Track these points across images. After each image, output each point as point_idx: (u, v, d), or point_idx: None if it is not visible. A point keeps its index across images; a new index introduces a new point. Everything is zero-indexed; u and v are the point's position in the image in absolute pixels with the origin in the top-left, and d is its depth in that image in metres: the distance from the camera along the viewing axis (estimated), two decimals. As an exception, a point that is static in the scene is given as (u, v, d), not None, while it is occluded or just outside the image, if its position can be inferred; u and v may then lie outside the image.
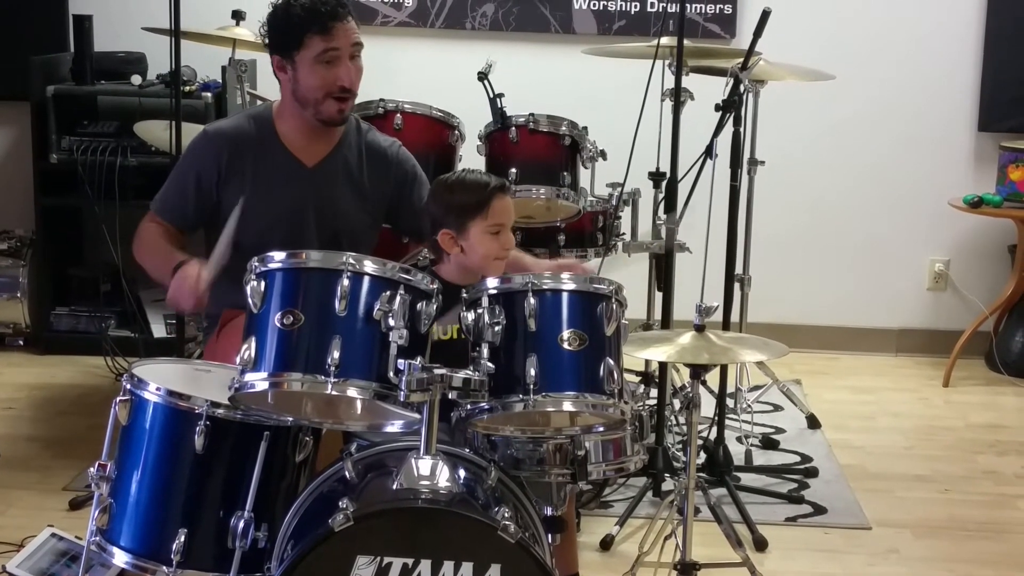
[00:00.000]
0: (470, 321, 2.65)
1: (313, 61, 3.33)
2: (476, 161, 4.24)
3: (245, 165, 3.40)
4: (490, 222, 3.08)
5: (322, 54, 3.32)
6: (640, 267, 4.75)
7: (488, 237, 3.08)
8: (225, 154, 3.40)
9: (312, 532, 2.45)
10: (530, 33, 5.68)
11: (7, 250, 5.58)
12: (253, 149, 3.42)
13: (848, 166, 5.76)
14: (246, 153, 3.41)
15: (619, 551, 3.73)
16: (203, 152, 3.44)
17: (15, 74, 5.42)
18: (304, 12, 3.33)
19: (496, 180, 3.16)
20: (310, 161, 3.45)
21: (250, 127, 3.46)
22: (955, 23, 5.65)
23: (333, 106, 3.37)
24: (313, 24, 3.31)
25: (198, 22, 4.67)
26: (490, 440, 2.78)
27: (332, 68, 3.34)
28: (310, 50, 3.32)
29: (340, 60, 3.35)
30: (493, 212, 3.08)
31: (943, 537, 3.95)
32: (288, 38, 3.36)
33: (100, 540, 2.69)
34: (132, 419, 2.70)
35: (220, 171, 3.40)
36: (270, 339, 2.56)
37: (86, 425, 4.61)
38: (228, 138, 3.43)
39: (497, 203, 3.09)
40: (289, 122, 3.44)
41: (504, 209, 3.11)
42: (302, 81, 3.36)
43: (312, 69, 3.33)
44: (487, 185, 3.12)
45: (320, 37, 3.31)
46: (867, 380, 5.53)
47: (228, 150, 3.41)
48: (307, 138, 3.44)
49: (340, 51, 3.34)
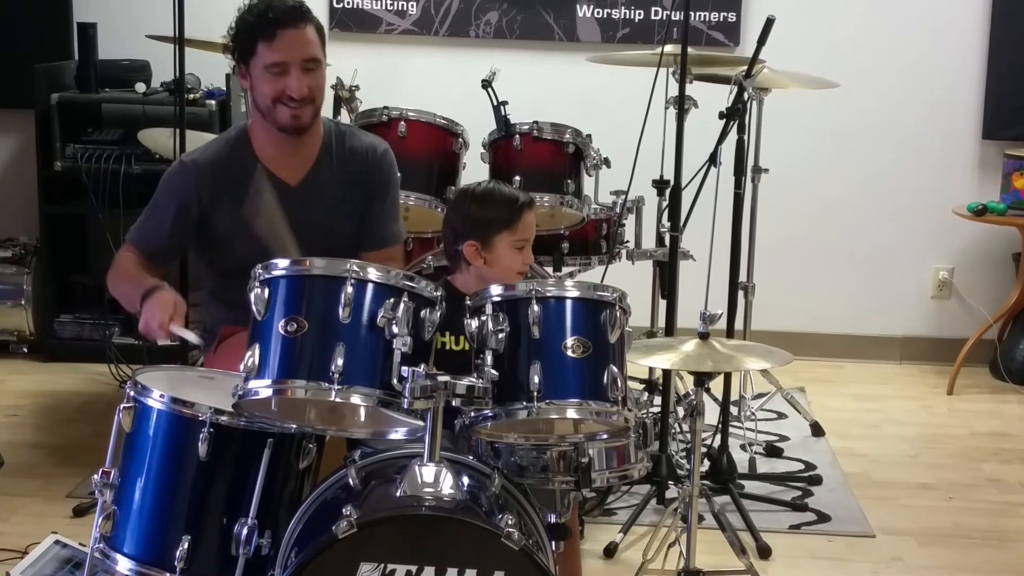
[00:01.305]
0: (474, 328, 2.64)
1: (263, 69, 3.26)
2: (480, 169, 4.25)
3: (228, 193, 3.31)
4: (517, 237, 3.09)
5: (271, 66, 3.25)
6: (644, 275, 4.75)
7: (513, 251, 3.09)
8: (206, 186, 3.33)
9: (316, 539, 2.45)
10: (534, 41, 5.68)
11: (11, 257, 5.59)
12: (234, 175, 3.33)
13: (852, 174, 5.77)
14: (227, 181, 3.33)
15: (623, 558, 3.73)
16: (183, 184, 3.36)
17: (19, 82, 5.43)
18: (254, 19, 3.28)
19: (525, 196, 3.18)
20: (292, 180, 3.37)
21: (228, 153, 3.38)
22: (959, 31, 5.66)
23: (285, 112, 3.28)
24: (262, 32, 3.25)
25: (202, 30, 4.68)
26: (494, 447, 2.78)
27: (281, 77, 3.26)
28: (260, 58, 3.26)
29: (288, 70, 3.25)
30: (522, 227, 3.10)
31: (947, 545, 3.94)
32: (243, 45, 3.31)
33: (104, 547, 2.69)
34: (136, 426, 2.70)
35: (202, 202, 3.33)
36: (274, 346, 2.55)
37: (90, 432, 4.62)
38: (207, 169, 3.35)
39: (527, 218, 3.12)
40: (263, 138, 3.37)
41: (531, 225, 3.14)
42: (256, 89, 3.31)
43: (262, 76, 3.27)
44: (516, 200, 3.13)
45: (267, 46, 3.24)
46: (871, 388, 5.52)
47: (209, 180, 3.33)
48: (284, 154, 3.37)
49: (288, 65, 3.24)
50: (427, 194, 4.07)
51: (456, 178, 4.19)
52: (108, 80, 5.48)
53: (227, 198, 3.32)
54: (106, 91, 5.46)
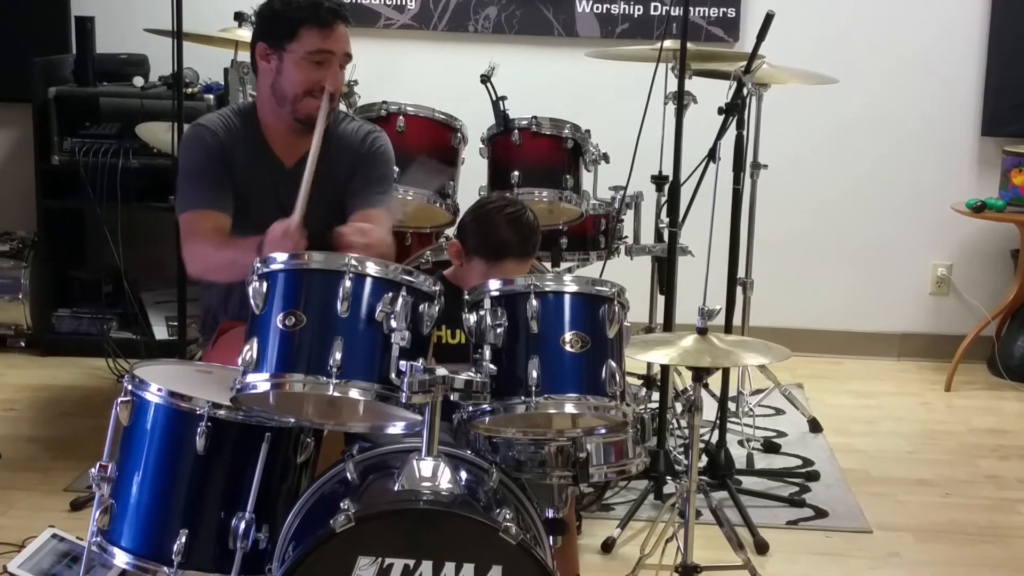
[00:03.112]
0: (472, 323, 2.64)
1: (303, 57, 3.23)
2: (479, 164, 4.25)
3: (235, 161, 3.33)
4: (493, 272, 3.05)
5: (315, 52, 3.23)
6: (642, 270, 4.74)
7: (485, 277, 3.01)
8: (218, 146, 3.32)
9: (313, 533, 2.45)
10: (533, 36, 5.68)
11: (9, 251, 5.59)
12: (241, 145, 3.34)
13: (851, 170, 5.76)
14: (236, 149, 3.34)
15: (620, 553, 3.73)
16: (200, 139, 3.33)
17: (17, 75, 5.42)
18: (306, 3, 3.25)
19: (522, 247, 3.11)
20: (289, 160, 3.36)
21: (238, 123, 3.38)
22: (959, 27, 5.65)
23: (312, 104, 3.24)
24: (313, 17, 3.23)
25: (200, 24, 4.67)
26: (492, 442, 2.78)
27: (320, 69, 3.24)
28: (303, 44, 3.23)
29: (330, 63, 3.25)
30: (502, 269, 3.07)
31: (945, 541, 3.95)
32: (282, 26, 3.26)
33: (101, 541, 2.69)
34: (133, 420, 2.70)
35: (218, 156, 3.31)
36: (272, 340, 2.55)
37: (87, 426, 4.61)
38: (219, 132, 3.35)
39: (509, 265, 3.08)
40: (270, 119, 3.36)
41: (515, 271, 3.07)
42: (285, 74, 3.26)
43: (299, 64, 3.24)
44: (507, 244, 3.10)
45: (319, 32, 3.22)
46: (869, 384, 5.52)
47: (221, 143, 3.33)
48: (287, 136, 3.35)
49: (334, 55, 3.25)
50: (426, 189, 4.07)
51: (455, 174, 4.18)
52: (106, 74, 5.47)
53: (231, 167, 3.32)
54: (104, 85, 5.46)
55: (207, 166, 3.31)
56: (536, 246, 3.20)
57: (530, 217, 3.21)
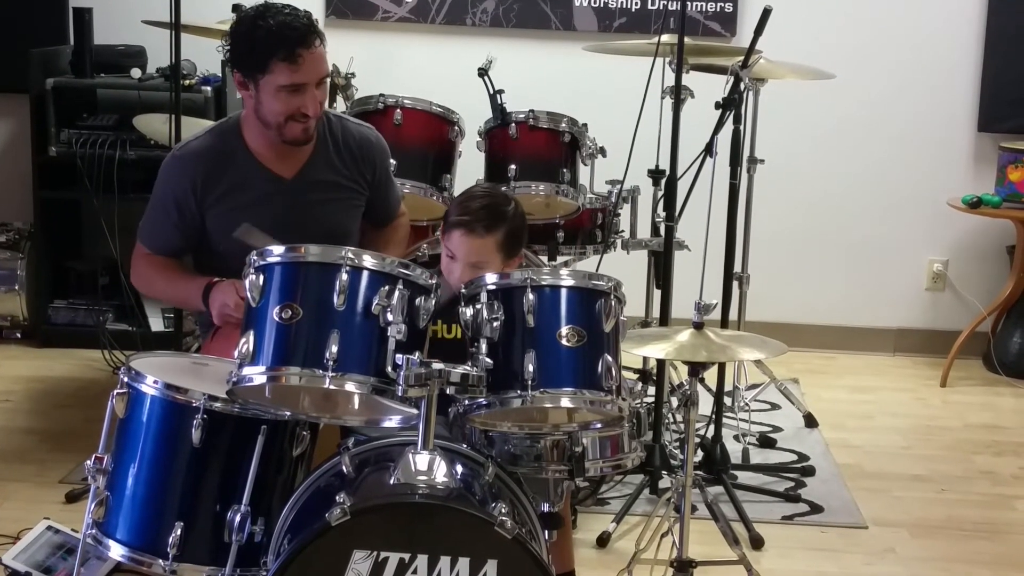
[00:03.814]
0: (469, 317, 2.64)
1: (277, 89, 3.19)
2: (476, 157, 4.25)
3: (221, 184, 3.31)
4: (446, 244, 3.06)
5: (288, 86, 3.19)
6: (639, 264, 4.75)
7: (446, 257, 3.06)
8: (199, 175, 3.30)
9: (309, 526, 2.45)
10: (530, 30, 5.68)
11: (5, 243, 5.58)
12: (226, 167, 3.32)
13: (848, 165, 5.76)
14: (220, 172, 3.31)
15: (615, 548, 3.73)
16: (176, 176, 3.33)
17: (14, 66, 5.41)
18: (270, 36, 3.16)
19: (470, 218, 3.03)
20: (288, 173, 3.36)
21: (220, 144, 3.35)
22: (956, 23, 5.65)
23: (297, 128, 3.25)
24: (280, 49, 3.16)
25: (198, 16, 4.67)
26: (488, 436, 2.78)
27: (297, 95, 3.21)
28: (275, 77, 3.18)
29: (305, 90, 3.22)
30: (451, 240, 3.05)
31: (940, 537, 3.95)
32: (252, 59, 3.21)
33: (96, 533, 2.70)
34: (129, 412, 2.70)
35: (196, 192, 3.30)
36: (268, 333, 2.55)
37: (83, 418, 4.61)
38: (199, 157, 3.32)
39: (457, 235, 3.03)
40: (258, 137, 3.34)
41: (461, 245, 3.02)
42: (264, 104, 3.23)
43: (275, 96, 3.20)
44: (461, 214, 3.06)
45: (287, 66, 3.16)
46: (865, 380, 5.53)
47: (201, 170, 3.30)
48: (278, 152, 3.34)
49: (307, 85, 3.21)
50: (423, 182, 4.07)
51: (452, 166, 4.18)
52: (104, 65, 5.46)
53: (216, 191, 3.31)
54: (101, 76, 5.45)
55: (175, 205, 3.32)
56: (485, 227, 3.03)
57: (491, 199, 3.13)
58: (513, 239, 3.08)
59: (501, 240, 3.05)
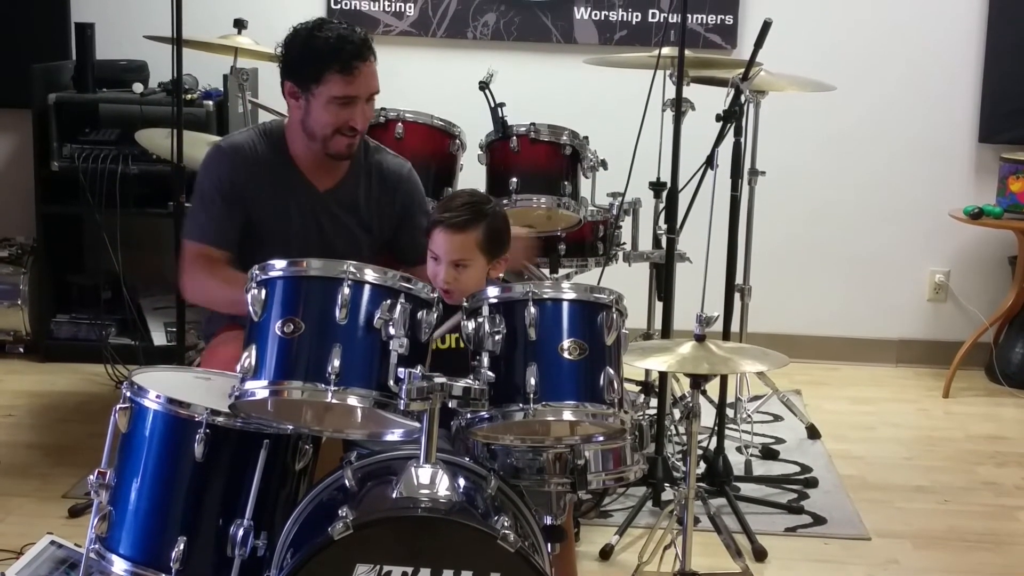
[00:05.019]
0: (471, 330, 2.65)
1: (328, 100, 3.25)
2: (477, 170, 4.25)
3: (261, 184, 3.35)
4: (430, 247, 3.05)
5: (340, 97, 3.24)
6: (640, 277, 4.75)
7: (431, 260, 3.06)
8: (242, 171, 3.34)
9: (311, 540, 2.45)
10: (531, 43, 5.69)
11: (8, 257, 5.59)
12: (268, 169, 3.36)
13: (849, 177, 5.77)
14: (262, 172, 3.36)
15: (618, 560, 3.73)
16: (220, 167, 3.37)
17: (17, 82, 5.43)
18: (328, 47, 3.24)
19: (449, 215, 3.02)
20: (322, 186, 3.40)
21: (264, 145, 3.39)
22: (956, 35, 5.66)
23: (342, 142, 3.31)
24: (335, 62, 3.23)
25: (200, 31, 4.68)
26: (490, 449, 2.78)
27: (347, 109, 3.27)
28: (328, 88, 3.24)
29: (356, 103, 3.28)
30: (433, 240, 3.04)
31: (943, 548, 3.95)
32: (306, 70, 3.27)
33: (99, 548, 2.69)
34: (132, 427, 2.70)
35: (237, 186, 3.33)
36: (270, 347, 2.56)
37: (86, 433, 4.61)
38: (243, 155, 3.36)
39: (437, 233, 3.03)
40: (300, 146, 3.38)
41: (442, 243, 3.01)
42: (313, 115, 3.29)
43: (326, 107, 3.26)
44: (440, 212, 3.07)
45: (341, 78, 3.23)
46: (867, 391, 5.53)
47: (245, 167, 3.35)
48: (319, 162, 3.38)
49: (358, 99, 3.27)
50: (424, 196, 4.07)
51: (453, 180, 4.19)
52: (105, 80, 5.48)
53: (256, 190, 3.34)
54: (103, 91, 5.46)
55: (220, 196, 3.33)
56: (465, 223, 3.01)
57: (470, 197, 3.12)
58: (494, 237, 3.07)
59: (481, 238, 3.04)
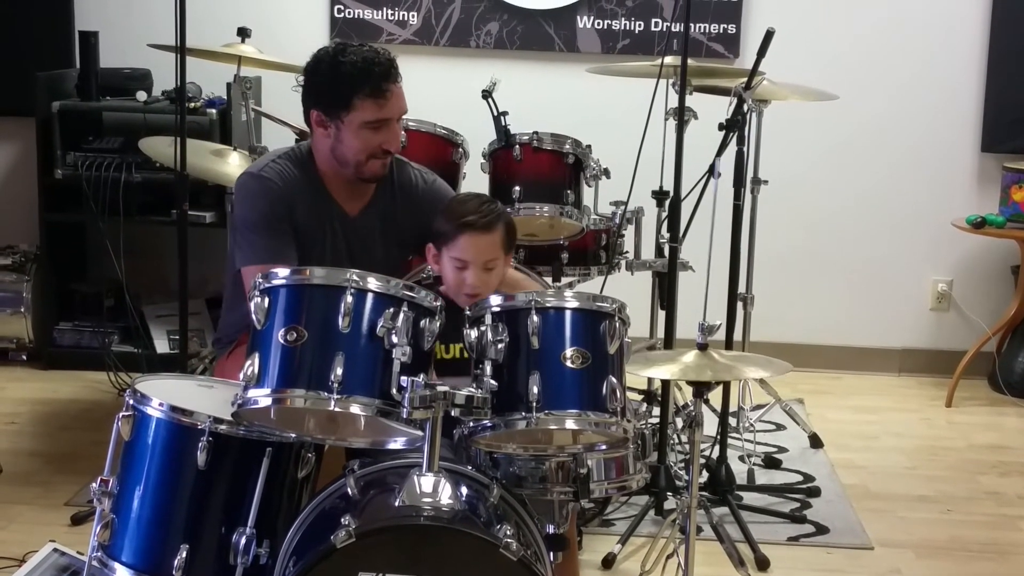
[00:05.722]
0: (473, 339, 2.65)
1: (360, 126, 3.20)
2: (480, 179, 4.26)
3: (297, 214, 3.28)
4: (454, 255, 3.04)
5: (372, 122, 3.19)
6: (643, 285, 4.75)
7: (454, 269, 3.04)
8: (280, 203, 3.26)
9: (314, 548, 2.45)
10: (534, 51, 5.69)
11: (11, 265, 5.59)
12: (302, 195, 3.29)
13: (851, 186, 5.77)
14: (298, 202, 3.28)
15: (621, 569, 3.73)
16: (259, 198, 3.25)
17: (20, 90, 5.44)
18: (356, 71, 3.18)
19: (475, 217, 3.04)
20: (352, 210, 3.37)
21: (297, 172, 3.31)
22: (959, 44, 5.66)
23: (376, 164, 3.26)
24: (365, 85, 3.18)
25: (203, 39, 4.68)
26: (492, 457, 2.78)
27: (379, 133, 3.22)
28: (360, 114, 3.19)
29: (388, 126, 3.23)
30: (458, 246, 3.03)
31: (945, 558, 3.94)
32: (335, 97, 3.21)
33: (102, 555, 2.69)
34: (135, 434, 2.70)
35: (280, 215, 3.25)
36: (273, 355, 2.56)
37: (89, 440, 4.61)
38: (280, 186, 3.27)
39: (465, 239, 3.02)
40: (330, 172, 3.32)
41: (472, 247, 3.02)
42: (345, 142, 3.23)
43: (357, 133, 3.21)
44: (461, 217, 3.05)
45: (373, 102, 3.18)
46: (870, 400, 5.52)
47: (284, 198, 3.26)
48: (349, 186, 3.34)
49: (391, 121, 3.23)
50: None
51: (456, 188, 4.18)
52: (109, 88, 5.48)
53: (301, 220, 3.27)
54: (107, 99, 5.47)
55: (271, 218, 3.25)
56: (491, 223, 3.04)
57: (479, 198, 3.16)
58: (511, 233, 3.13)
59: (503, 235, 3.08)
